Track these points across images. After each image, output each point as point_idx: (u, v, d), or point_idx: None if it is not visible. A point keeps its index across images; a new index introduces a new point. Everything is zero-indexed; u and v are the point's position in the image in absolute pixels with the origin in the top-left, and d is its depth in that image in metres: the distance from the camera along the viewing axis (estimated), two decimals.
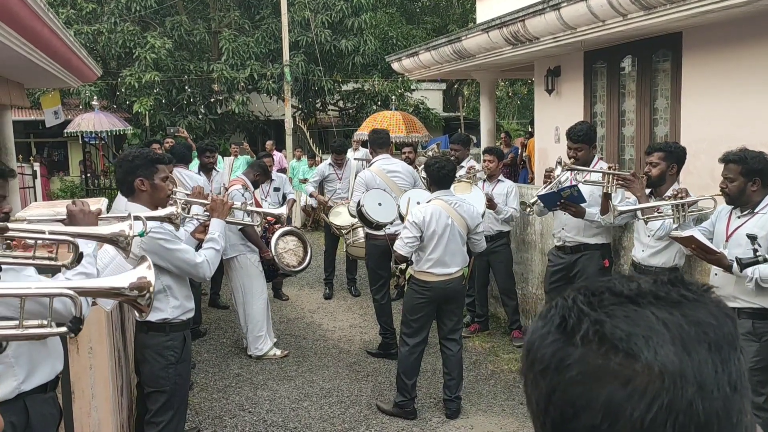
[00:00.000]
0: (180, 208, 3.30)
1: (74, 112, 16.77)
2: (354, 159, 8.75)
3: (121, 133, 15.64)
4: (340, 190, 7.61)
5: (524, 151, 12.23)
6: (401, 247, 4.32)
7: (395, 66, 10.56)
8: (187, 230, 3.72)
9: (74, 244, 2.03)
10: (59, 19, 5.41)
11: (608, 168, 4.35)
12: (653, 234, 3.96)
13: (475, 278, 6.03)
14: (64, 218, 2.34)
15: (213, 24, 17.71)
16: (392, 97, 16.79)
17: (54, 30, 5.13)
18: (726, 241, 3.44)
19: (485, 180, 5.79)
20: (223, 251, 5.42)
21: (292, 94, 16.49)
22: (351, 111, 20.02)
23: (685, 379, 0.61)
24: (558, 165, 4.45)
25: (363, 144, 11.04)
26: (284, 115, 15.82)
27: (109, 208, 4.31)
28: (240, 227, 5.24)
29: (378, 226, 5.26)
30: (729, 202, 3.47)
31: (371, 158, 6.09)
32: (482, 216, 4.85)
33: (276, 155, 12.42)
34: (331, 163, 7.70)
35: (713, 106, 5.71)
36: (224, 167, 10.22)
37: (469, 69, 9.25)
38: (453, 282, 4.35)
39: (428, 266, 4.30)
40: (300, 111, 18.87)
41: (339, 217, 6.88)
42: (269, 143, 14.09)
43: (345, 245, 6.95)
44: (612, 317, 0.64)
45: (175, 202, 3.37)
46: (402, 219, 4.75)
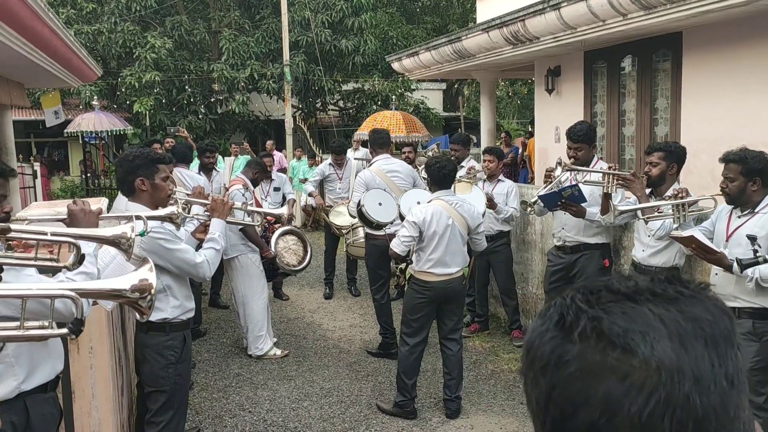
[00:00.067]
0: (180, 208, 3.31)
1: (74, 112, 16.77)
2: (354, 159, 8.75)
3: (122, 133, 15.65)
4: (341, 190, 7.60)
5: (524, 151, 12.24)
6: (397, 245, 4.32)
7: (395, 66, 10.56)
8: (188, 230, 3.72)
9: (76, 246, 2.03)
10: (59, 19, 5.41)
11: (608, 168, 4.35)
12: (653, 234, 3.97)
13: (476, 278, 6.03)
14: (65, 218, 2.34)
15: (213, 24, 17.71)
16: (392, 97, 16.78)
17: (54, 30, 5.13)
18: (726, 241, 3.44)
19: (485, 180, 5.80)
20: (224, 251, 5.43)
21: (293, 94, 16.48)
22: (351, 111, 20.01)
23: (682, 374, 0.61)
24: (558, 165, 4.45)
25: (363, 144, 11.04)
26: (284, 115, 15.81)
27: (110, 208, 4.31)
28: (240, 227, 5.24)
29: (378, 226, 5.27)
30: (729, 202, 3.47)
31: (371, 158, 6.09)
32: (482, 216, 4.85)
33: (276, 155, 12.43)
34: (332, 163, 7.70)
35: (713, 106, 5.71)
36: (225, 167, 10.22)
37: (470, 69, 9.25)
38: (453, 282, 4.35)
39: (429, 266, 4.30)
40: (300, 111, 18.87)
41: (339, 217, 6.88)
42: (269, 143, 14.10)
43: (345, 245, 6.95)
44: (609, 314, 0.65)
45: (176, 202, 3.37)
46: (402, 219, 4.75)
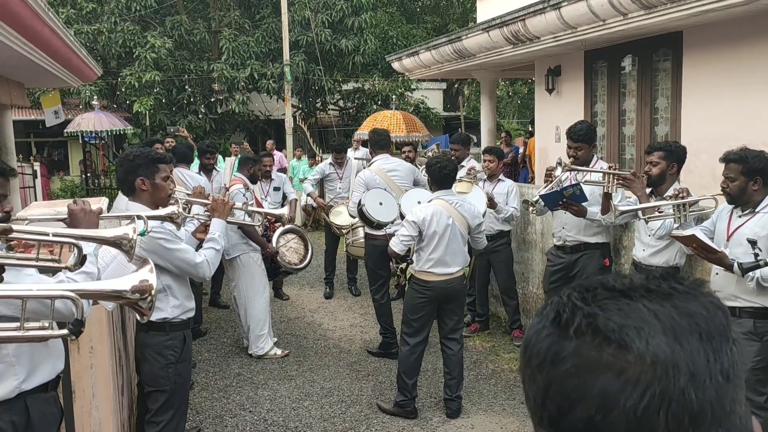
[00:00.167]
0: (181, 208, 3.31)
1: (74, 112, 16.76)
2: (354, 159, 8.74)
3: (122, 133, 15.64)
4: (341, 190, 7.59)
5: (525, 151, 12.24)
6: (396, 245, 4.32)
7: (395, 65, 10.56)
8: (188, 230, 3.72)
9: (77, 247, 2.02)
10: (59, 19, 5.41)
11: (608, 167, 4.35)
12: (654, 233, 3.96)
13: (476, 278, 6.03)
14: (65, 218, 2.34)
15: (213, 23, 17.70)
16: (392, 97, 16.78)
17: (54, 30, 5.13)
18: (727, 241, 3.44)
19: (486, 179, 5.80)
20: (226, 251, 5.43)
21: (293, 94, 16.48)
22: (351, 110, 20.00)
23: (677, 369, 0.62)
24: (558, 166, 4.45)
25: (363, 143, 11.04)
26: (284, 115, 15.81)
27: (110, 208, 4.31)
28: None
29: (379, 226, 5.26)
30: (730, 202, 3.47)
31: (371, 158, 6.07)
32: (483, 215, 4.85)
33: (276, 155, 12.43)
34: (332, 163, 7.70)
35: (714, 106, 5.71)
36: (225, 167, 10.21)
37: (470, 68, 9.25)
38: (454, 281, 4.34)
39: (429, 266, 4.30)
40: (300, 110, 18.87)
41: (339, 217, 6.88)
42: (269, 143, 14.11)
43: (345, 245, 6.95)
44: (605, 310, 0.65)
45: (176, 202, 3.37)
46: (403, 218, 4.75)
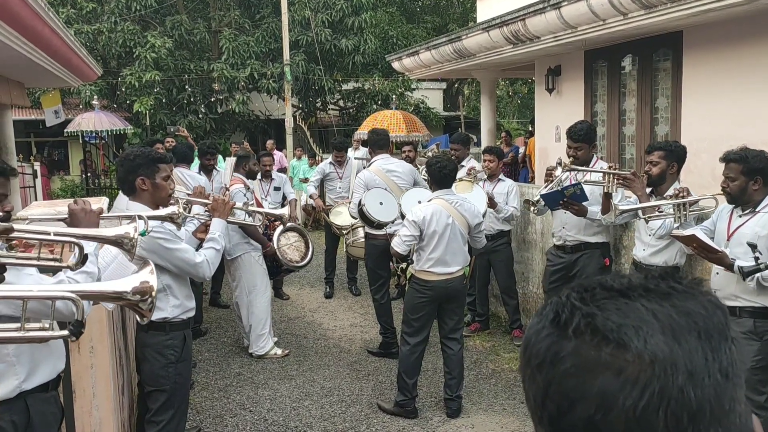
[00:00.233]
0: (181, 208, 3.31)
1: (74, 112, 16.76)
2: (354, 158, 8.74)
3: (122, 133, 15.63)
4: (341, 190, 7.60)
5: (525, 150, 12.24)
6: (398, 245, 4.32)
7: (396, 65, 10.56)
8: (188, 230, 3.72)
9: (79, 246, 2.03)
10: (59, 19, 5.41)
11: (608, 167, 4.35)
12: (654, 233, 3.96)
13: (476, 277, 6.03)
14: (66, 217, 2.34)
15: (213, 23, 17.70)
16: (393, 97, 16.78)
17: (54, 29, 5.13)
18: (727, 240, 3.44)
19: (486, 179, 5.80)
20: (228, 251, 5.43)
21: (293, 94, 16.48)
22: (351, 110, 20.00)
23: (676, 367, 0.62)
24: (558, 166, 4.45)
25: (363, 143, 11.03)
26: (284, 115, 15.81)
27: (110, 208, 4.31)
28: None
29: (379, 225, 5.26)
30: (730, 202, 3.47)
31: (371, 158, 6.07)
32: (483, 215, 4.85)
33: (276, 154, 12.43)
34: (332, 162, 7.70)
35: (714, 105, 5.71)
36: (225, 167, 10.20)
37: (470, 68, 9.25)
38: (454, 281, 4.34)
39: (429, 265, 4.30)
40: (300, 110, 18.87)
41: (339, 217, 6.88)
42: (270, 142, 14.11)
43: (345, 245, 6.94)
44: (603, 310, 0.66)
45: (177, 202, 3.37)
46: (403, 218, 4.75)
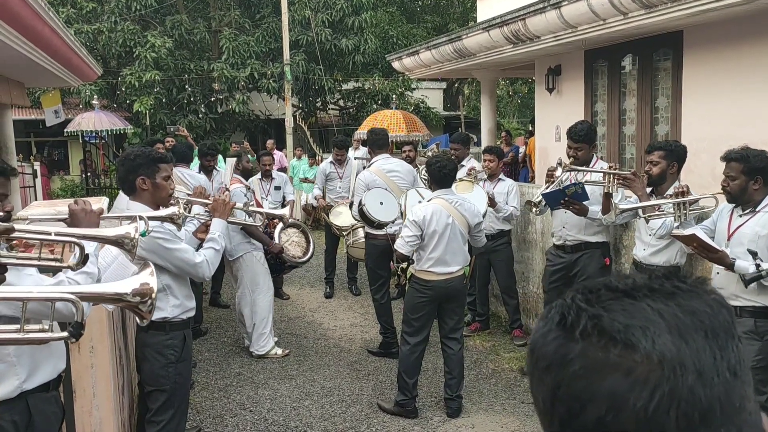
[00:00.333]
0: (182, 208, 3.31)
1: (74, 112, 16.77)
2: (354, 158, 8.74)
3: (122, 133, 15.63)
4: (341, 189, 7.59)
5: (525, 150, 12.24)
6: (402, 246, 4.32)
7: (396, 65, 10.56)
8: (188, 230, 3.72)
9: (80, 246, 2.03)
10: (59, 18, 5.41)
11: (609, 167, 4.35)
12: (655, 232, 3.96)
13: (476, 277, 6.03)
14: (66, 217, 2.34)
15: (213, 23, 17.70)
16: (393, 96, 16.79)
17: (54, 29, 5.13)
18: (728, 240, 3.44)
19: (486, 179, 5.80)
20: (230, 252, 5.43)
21: (293, 93, 16.48)
22: (351, 110, 20.01)
23: (685, 367, 0.62)
24: (558, 166, 4.45)
25: (364, 143, 11.04)
26: (285, 114, 15.81)
27: (110, 208, 4.31)
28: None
29: (380, 225, 5.26)
30: (730, 201, 3.47)
31: (370, 158, 6.07)
32: (484, 215, 4.85)
33: (276, 154, 12.44)
34: (332, 162, 7.69)
35: (714, 105, 5.71)
36: (226, 167, 10.20)
37: (470, 68, 9.25)
38: (454, 281, 4.34)
39: (429, 265, 4.30)
40: (300, 110, 18.87)
41: (339, 218, 6.87)
42: (270, 142, 14.11)
43: (345, 246, 6.94)
44: (609, 311, 0.66)
45: (177, 202, 3.37)
46: (403, 218, 4.75)
